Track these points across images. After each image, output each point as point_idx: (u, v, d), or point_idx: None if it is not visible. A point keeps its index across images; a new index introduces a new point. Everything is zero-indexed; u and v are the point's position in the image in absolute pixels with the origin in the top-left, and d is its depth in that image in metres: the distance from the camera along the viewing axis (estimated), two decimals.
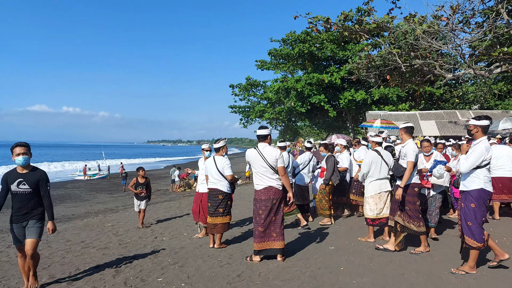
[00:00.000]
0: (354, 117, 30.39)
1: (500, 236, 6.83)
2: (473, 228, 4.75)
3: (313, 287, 4.63)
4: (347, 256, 5.83)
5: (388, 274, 5.02)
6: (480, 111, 21.40)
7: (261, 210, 5.58)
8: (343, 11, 14.12)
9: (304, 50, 27.54)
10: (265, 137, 5.69)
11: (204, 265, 5.56)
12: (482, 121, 4.84)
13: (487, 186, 4.79)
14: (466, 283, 4.62)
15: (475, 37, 10.47)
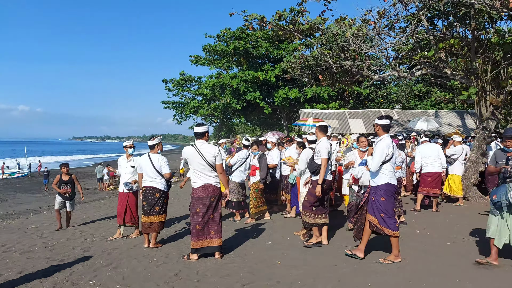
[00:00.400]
0: (288, 114, 31.15)
1: (421, 228, 7.43)
2: (386, 219, 5.18)
3: (251, 281, 4.72)
4: (283, 250, 6.00)
5: (321, 265, 5.25)
6: (402, 111, 22.97)
7: (199, 208, 5.54)
8: (278, 11, 14.39)
9: (239, 47, 27.65)
10: (203, 134, 5.66)
11: (139, 266, 5.41)
12: (383, 120, 5.37)
13: (392, 180, 5.27)
14: (392, 271, 4.98)
15: (399, 41, 11.19)
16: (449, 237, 6.67)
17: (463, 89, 18.24)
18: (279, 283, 4.66)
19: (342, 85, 15.91)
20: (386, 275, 4.82)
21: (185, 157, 5.72)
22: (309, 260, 5.46)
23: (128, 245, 6.58)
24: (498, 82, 10.84)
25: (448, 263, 5.26)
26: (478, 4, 8.76)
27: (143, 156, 6.58)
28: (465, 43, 11.09)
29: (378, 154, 5.19)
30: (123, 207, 7.14)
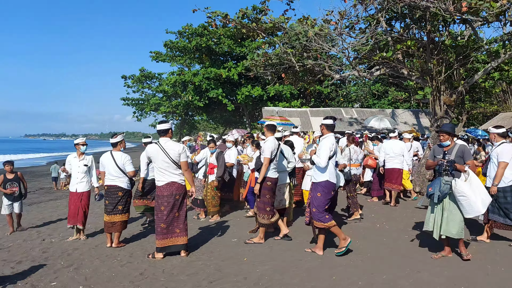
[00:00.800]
0: (250, 112, 31.22)
1: (380, 222, 7.71)
2: (316, 213, 5.45)
3: (218, 278, 4.72)
4: (249, 246, 6.04)
5: (287, 260, 5.34)
6: (361, 109, 23.65)
7: (163, 207, 5.48)
8: (241, 9, 14.39)
9: (201, 44, 27.40)
10: (166, 132, 5.59)
11: (102, 266, 5.28)
12: (327, 120, 5.75)
13: (331, 178, 5.52)
14: (354, 263, 5.14)
15: (359, 41, 11.52)
16: (407, 230, 6.96)
17: (418, 89, 19.02)
18: (246, 279, 4.69)
19: (304, 84, 16.14)
20: (349, 268, 4.98)
21: (148, 155, 5.62)
22: (276, 256, 5.53)
23: (90, 246, 6.39)
24: (451, 83, 11.41)
25: (406, 255, 5.50)
26: (433, 8, 9.17)
27: (105, 154, 6.41)
28: (420, 45, 11.58)
29: (325, 150, 5.43)
30: (76, 207, 6.84)
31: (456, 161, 5.19)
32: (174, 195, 5.50)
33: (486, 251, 5.72)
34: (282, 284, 4.51)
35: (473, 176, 5.16)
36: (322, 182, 5.48)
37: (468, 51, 11.14)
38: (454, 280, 4.55)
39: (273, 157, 6.12)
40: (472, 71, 14.38)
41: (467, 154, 5.32)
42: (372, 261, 5.27)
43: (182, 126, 39.73)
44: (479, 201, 5.04)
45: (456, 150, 5.33)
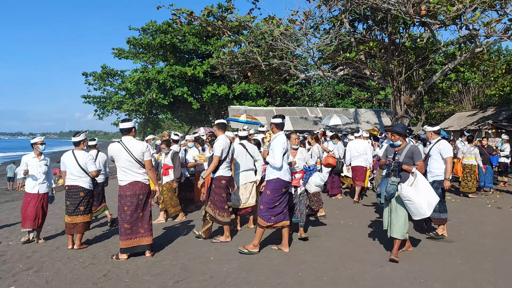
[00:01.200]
0: (216, 111, 31.11)
1: (344, 218, 7.89)
2: (263, 211, 5.52)
3: (185, 278, 4.68)
4: (216, 245, 6.02)
5: (253, 258, 5.36)
6: (325, 108, 24.08)
7: (126, 207, 5.36)
8: (207, 7, 14.32)
9: (166, 41, 27.03)
10: (129, 130, 5.47)
11: (64, 268, 5.10)
12: (276, 119, 5.75)
13: (283, 176, 5.52)
14: (319, 260, 5.24)
15: (324, 42, 11.73)
16: (370, 226, 7.16)
17: (380, 89, 19.58)
18: (212, 278, 4.67)
19: (270, 83, 16.26)
20: (315, 264, 5.06)
21: (111, 154, 5.47)
22: (241, 254, 5.54)
23: (50, 248, 6.15)
24: (411, 83, 11.84)
25: (370, 251, 5.66)
26: (394, 10, 9.48)
27: (67, 153, 6.19)
28: (382, 46, 11.94)
29: (277, 149, 5.44)
30: (36, 210, 6.47)
31: (405, 161, 5.17)
32: (137, 194, 5.39)
33: (443, 245, 5.98)
34: (249, 281, 4.53)
35: (420, 178, 5.13)
36: (273, 180, 5.50)
37: (427, 53, 11.59)
38: (414, 274, 4.73)
39: (224, 155, 6.12)
40: (431, 72, 14.98)
41: (416, 155, 5.23)
42: (337, 256, 5.38)
43: (146, 125, 39.03)
44: (425, 204, 5.02)
45: (406, 151, 5.26)
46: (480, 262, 5.20)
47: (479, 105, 26.51)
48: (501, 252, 5.63)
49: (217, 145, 6.08)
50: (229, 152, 6.22)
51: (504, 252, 5.63)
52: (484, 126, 19.75)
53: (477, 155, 10.25)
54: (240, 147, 6.92)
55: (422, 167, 5.21)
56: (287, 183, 5.59)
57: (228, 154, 6.21)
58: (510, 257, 5.42)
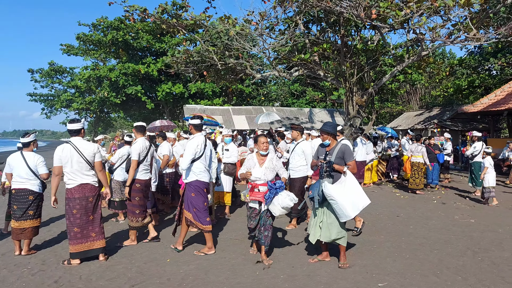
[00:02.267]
0: (171, 110, 30.60)
1: None
2: (198, 214, 5.53)
3: (141, 281, 4.58)
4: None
5: (211, 258, 5.35)
6: (281, 108, 24.37)
7: (76, 210, 5.16)
8: (161, 4, 14.03)
9: (118, 38, 26.22)
10: (79, 131, 5.29)
11: (11, 276, 4.83)
12: (194, 120, 5.81)
13: (201, 177, 5.59)
14: (276, 257, 5.31)
15: (279, 42, 11.88)
16: None
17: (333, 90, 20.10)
18: (170, 280, 4.62)
19: (226, 82, 16.24)
20: (273, 262, 5.13)
21: (59, 156, 5.21)
22: (199, 255, 5.51)
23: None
24: (363, 84, 12.26)
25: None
26: (346, 13, 9.77)
27: (14, 155, 5.86)
28: (335, 48, 12.28)
29: (189, 152, 5.50)
30: None
31: (337, 162, 4.90)
32: (87, 197, 5.22)
33: (392, 240, 6.26)
34: (207, 282, 4.51)
35: (350, 179, 4.89)
36: (193, 182, 5.55)
37: (377, 55, 12.05)
38: (367, 268, 4.92)
39: (141, 159, 6.10)
40: (381, 74, 15.59)
41: (347, 155, 4.97)
42: (293, 254, 5.48)
43: (97, 124, 37.69)
44: (349, 205, 4.72)
45: (337, 151, 5.00)
46: (426, 254, 5.50)
47: (425, 105, 27.95)
48: (445, 245, 5.98)
49: (133, 148, 6.05)
50: (147, 155, 6.19)
51: (448, 245, 5.98)
52: (430, 126, 20.85)
53: (424, 153, 10.80)
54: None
55: (354, 166, 4.94)
56: (206, 184, 5.66)
57: (147, 157, 6.19)
58: (453, 249, 5.77)
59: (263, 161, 5.22)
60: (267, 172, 5.13)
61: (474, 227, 7.14)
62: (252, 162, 5.24)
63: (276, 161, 5.26)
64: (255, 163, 5.21)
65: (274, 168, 5.20)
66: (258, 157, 5.28)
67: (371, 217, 7.90)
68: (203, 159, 5.62)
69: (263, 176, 5.10)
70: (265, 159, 5.21)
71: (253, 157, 5.30)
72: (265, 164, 5.17)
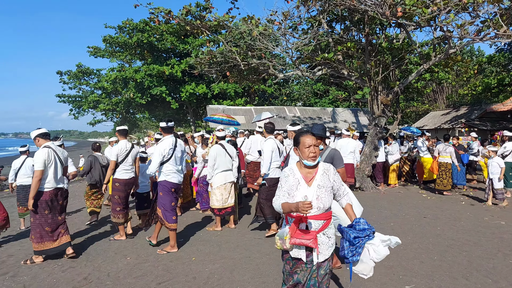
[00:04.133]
0: (195, 110, 30.92)
1: None
2: (164, 212, 5.77)
3: (168, 279, 4.66)
4: (197, 246, 6.01)
5: (236, 258, 5.38)
6: (303, 108, 24.26)
7: (47, 210, 5.39)
8: (185, 6, 14.17)
9: (143, 40, 26.68)
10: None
11: (42, 272, 4.99)
12: (162, 123, 5.89)
13: (170, 178, 5.77)
14: None
15: (302, 42, 11.82)
16: None
17: (357, 89, 19.86)
18: (195, 278, 4.67)
19: (248, 82, 16.28)
20: None
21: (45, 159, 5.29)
22: (225, 254, 5.56)
23: (26, 252, 6.01)
24: (388, 83, 12.06)
25: None
26: (371, 12, 9.64)
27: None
28: (359, 47, 12.12)
29: (156, 156, 5.69)
30: None
31: None
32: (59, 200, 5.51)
33: (420, 241, 6.14)
34: (232, 281, 4.55)
35: None
36: (162, 182, 5.77)
37: (403, 53, 11.84)
38: (393, 269, 4.85)
39: (120, 160, 6.37)
40: (406, 72, 15.31)
41: (337, 160, 4.55)
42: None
43: (122, 124, 38.40)
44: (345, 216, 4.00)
45: (326, 156, 4.57)
46: (455, 256, 5.38)
47: (452, 104, 27.26)
48: (475, 247, 5.83)
49: (113, 150, 6.39)
50: (127, 156, 6.44)
51: (478, 247, 5.83)
52: (457, 125, 20.34)
53: (452, 153, 10.55)
54: (219, 147, 6.93)
55: (343, 173, 4.48)
56: (175, 184, 5.83)
57: (127, 158, 6.44)
58: (483, 251, 5.62)
59: (312, 177, 3.04)
60: (321, 194, 2.97)
61: (505, 229, 6.94)
62: (293, 181, 3.03)
63: (334, 174, 3.09)
64: (299, 181, 3.02)
65: (331, 187, 3.05)
66: (301, 169, 3.08)
67: (397, 218, 7.78)
68: (173, 160, 5.80)
69: (316, 202, 2.94)
70: (315, 173, 3.05)
71: (293, 172, 3.07)
72: (317, 181, 3.01)
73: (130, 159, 6.49)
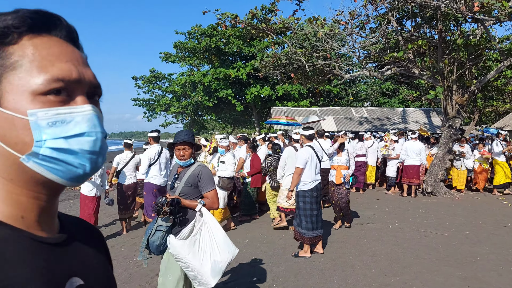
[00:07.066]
0: (259, 112, 31.30)
1: (392, 223, 7.71)
2: (147, 209, 6.82)
3: (234, 279, 4.78)
4: (262, 248, 6.10)
5: (300, 261, 5.38)
6: (371, 108, 23.55)
7: None
8: (251, 10, 14.45)
9: (210, 45, 27.53)
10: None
11: (119, 267, 5.37)
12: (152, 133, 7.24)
13: (152, 180, 6.94)
14: (368, 265, 5.17)
15: (370, 41, 11.50)
16: (419, 231, 6.96)
17: (430, 88, 18.87)
18: (260, 280, 4.75)
19: (313, 83, 16.16)
20: (363, 269, 5.00)
21: None
22: (289, 257, 5.58)
23: None
24: (463, 82, 11.34)
25: (420, 256, 5.51)
26: (445, 7, 9.13)
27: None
28: (432, 44, 11.52)
29: (144, 160, 7.05)
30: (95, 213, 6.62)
31: (186, 191, 3.20)
32: None
33: (498, 252, 5.70)
34: (297, 285, 4.56)
35: (209, 221, 3.15)
36: (146, 183, 6.98)
37: (480, 50, 11.05)
38: (467, 281, 4.56)
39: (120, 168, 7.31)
40: (485, 70, 14.28)
41: (205, 182, 3.24)
42: (385, 262, 5.29)
43: (191, 126, 39.95)
44: (208, 268, 3.01)
45: (189, 175, 3.24)
46: None
47: None
48: None
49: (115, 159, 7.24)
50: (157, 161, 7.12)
51: None
52: None
53: None
54: (292, 149, 7.00)
55: (213, 199, 3.22)
56: (157, 186, 6.91)
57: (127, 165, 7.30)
58: None
59: None
60: None
61: None
62: None
63: None
64: None
65: None
66: None
67: (472, 226, 7.30)
68: (157, 165, 6.98)
69: None
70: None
71: None
72: None
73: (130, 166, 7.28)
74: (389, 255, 5.58)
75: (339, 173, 7.00)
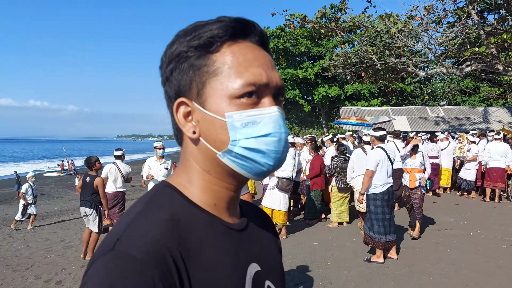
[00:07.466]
0: (327, 112, 30.88)
1: (473, 229, 7.21)
2: None
3: (304, 281, 4.78)
4: (332, 251, 6.01)
5: (373, 266, 5.23)
6: (448, 107, 22.22)
7: None
8: (320, 9, 14.33)
9: (278, 46, 27.70)
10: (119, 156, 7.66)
11: None
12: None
13: None
14: (448, 274, 4.89)
15: (448, 36, 10.87)
16: (504, 239, 6.43)
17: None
18: (331, 283, 4.69)
19: (385, 82, 15.62)
20: (441, 278, 4.74)
21: None
22: (360, 261, 5.45)
23: None
24: None
25: (503, 266, 5.09)
26: None
27: None
28: None
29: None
30: None
31: None
32: None
33: None
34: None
35: None
36: None
37: None
38: None
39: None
40: None
41: None
42: (466, 271, 4.96)
43: None
44: None
45: None
46: None
47: None
48: None
49: None
50: None
51: None
52: None
53: None
54: (360, 152, 6.85)
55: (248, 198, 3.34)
56: None
57: None
58: None
59: None
60: None
61: None
62: None
63: None
64: None
65: None
66: None
67: None
68: None
69: None
70: None
71: None
72: None
73: None
74: (470, 264, 5.23)
75: (413, 176, 6.68)
